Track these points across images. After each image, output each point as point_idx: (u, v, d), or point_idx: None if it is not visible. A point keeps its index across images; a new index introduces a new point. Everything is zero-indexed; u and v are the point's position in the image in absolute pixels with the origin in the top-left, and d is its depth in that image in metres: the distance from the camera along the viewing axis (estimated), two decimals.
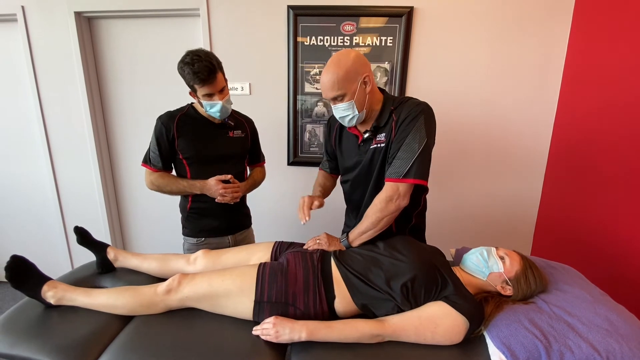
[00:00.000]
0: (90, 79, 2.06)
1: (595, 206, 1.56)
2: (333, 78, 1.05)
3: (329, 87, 1.07)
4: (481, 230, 2.07)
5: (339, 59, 1.05)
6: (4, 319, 1.01)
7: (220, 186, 1.31)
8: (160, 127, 1.30)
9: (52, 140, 2.16)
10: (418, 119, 1.06)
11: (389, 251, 1.06)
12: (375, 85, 1.15)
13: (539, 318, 0.90)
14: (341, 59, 1.05)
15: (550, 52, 1.77)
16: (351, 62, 1.04)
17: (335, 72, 1.04)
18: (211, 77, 1.18)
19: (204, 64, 1.16)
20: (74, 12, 1.91)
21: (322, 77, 1.08)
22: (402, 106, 1.11)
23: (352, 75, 1.05)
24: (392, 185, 1.08)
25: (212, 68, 1.18)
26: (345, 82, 1.05)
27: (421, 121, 1.06)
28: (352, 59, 1.05)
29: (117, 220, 2.37)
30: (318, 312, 0.98)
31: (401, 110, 1.10)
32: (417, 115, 1.06)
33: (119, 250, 1.30)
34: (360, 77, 1.06)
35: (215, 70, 1.19)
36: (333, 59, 1.07)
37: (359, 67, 1.05)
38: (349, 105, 1.09)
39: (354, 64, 1.04)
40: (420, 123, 1.05)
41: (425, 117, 1.07)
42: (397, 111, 1.11)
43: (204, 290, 1.02)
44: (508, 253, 1.07)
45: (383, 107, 1.14)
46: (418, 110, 1.07)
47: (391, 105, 1.13)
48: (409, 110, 1.08)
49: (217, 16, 1.85)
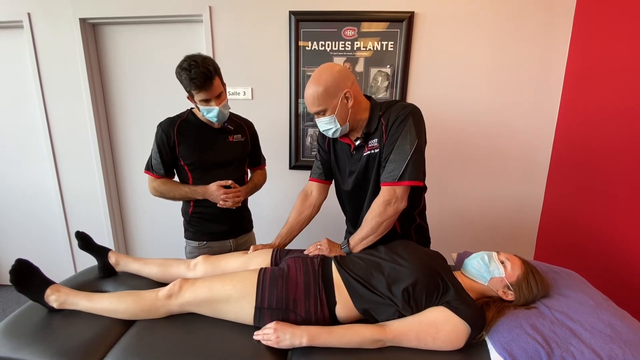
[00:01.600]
0: (95, 84, 2.08)
1: (598, 210, 1.55)
2: (314, 94, 1.06)
3: (310, 102, 1.09)
4: (483, 234, 2.07)
5: (320, 74, 1.06)
6: (7, 322, 1.02)
7: (221, 191, 1.32)
8: (161, 134, 1.31)
9: (56, 145, 2.18)
10: (407, 121, 1.06)
11: (390, 255, 1.06)
12: (360, 95, 1.14)
13: (541, 323, 0.90)
14: (322, 74, 1.06)
15: (552, 56, 1.77)
16: (332, 77, 1.05)
17: (316, 88, 1.05)
18: (207, 83, 1.18)
19: (201, 70, 1.16)
20: (79, 18, 1.93)
21: (305, 91, 1.10)
22: (389, 110, 1.11)
23: (333, 91, 1.05)
24: (389, 189, 1.08)
25: (208, 74, 1.17)
26: (326, 98, 1.06)
27: (410, 123, 1.06)
28: (333, 74, 1.05)
29: (119, 223, 2.38)
30: (319, 318, 0.98)
31: (389, 113, 1.10)
32: (405, 117, 1.07)
33: (120, 254, 1.31)
34: (341, 92, 1.06)
35: (211, 76, 1.19)
36: (315, 74, 1.07)
37: (340, 82, 1.06)
38: (330, 120, 1.10)
39: (334, 79, 1.05)
40: (409, 125, 1.06)
41: (414, 118, 1.07)
42: (385, 115, 1.11)
43: (205, 295, 1.02)
44: (509, 257, 1.06)
45: (371, 114, 1.14)
46: (406, 113, 1.08)
47: (379, 110, 1.13)
48: (397, 113, 1.08)
49: (219, 22, 1.87)
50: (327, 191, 1.40)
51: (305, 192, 1.39)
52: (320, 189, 1.37)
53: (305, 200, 1.37)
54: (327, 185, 1.39)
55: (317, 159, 1.37)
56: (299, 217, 1.36)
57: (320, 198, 1.38)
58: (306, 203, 1.36)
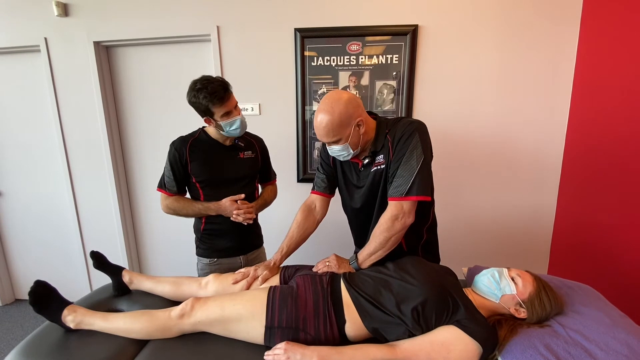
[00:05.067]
0: (108, 104, 2.15)
1: (614, 220, 1.51)
2: (328, 126, 1.06)
3: (323, 134, 1.09)
4: (495, 246, 2.04)
5: (332, 106, 1.05)
6: (25, 343, 1.05)
7: (234, 206, 1.35)
8: (174, 153, 1.34)
9: (72, 164, 2.25)
10: (413, 137, 1.08)
11: (399, 273, 1.06)
12: (368, 117, 1.15)
13: (555, 343, 0.88)
14: (333, 106, 1.05)
15: (559, 64, 1.75)
16: (344, 108, 1.05)
17: (329, 120, 1.05)
18: (227, 94, 1.25)
19: (217, 83, 1.22)
20: (93, 41, 2.01)
21: (315, 122, 1.09)
22: (395, 127, 1.13)
23: (346, 121, 1.06)
24: (396, 204, 1.09)
25: (225, 86, 1.24)
26: (340, 129, 1.07)
27: (416, 139, 1.07)
28: (344, 104, 1.05)
29: (133, 240, 2.43)
30: (329, 337, 0.98)
31: (395, 130, 1.12)
32: (411, 134, 1.08)
33: (133, 273, 1.33)
34: (354, 120, 1.07)
35: (228, 88, 1.25)
36: (326, 105, 1.06)
37: (352, 112, 1.06)
38: (343, 147, 1.11)
39: (347, 110, 1.05)
40: (415, 141, 1.07)
41: (420, 134, 1.09)
42: (391, 132, 1.13)
43: (216, 314, 1.03)
44: (520, 274, 1.05)
45: (377, 132, 1.15)
46: (412, 129, 1.09)
47: (385, 128, 1.15)
48: (403, 130, 1.09)
49: (227, 41, 1.92)
50: (328, 205, 1.39)
51: (308, 206, 1.36)
52: (323, 202, 1.37)
53: (310, 215, 1.35)
54: (330, 199, 1.39)
55: (321, 172, 1.36)
56: (303, 234, 1.34)
57: (322, 212, 1.37)
58: (310, 219, 1.35)
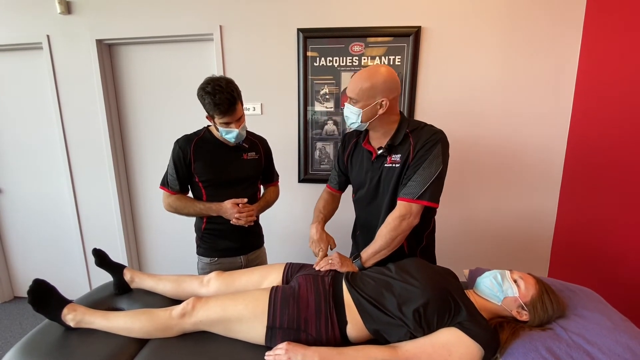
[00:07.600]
0: (110, 102, 2.15)
1: (615, 223, 1.51)
2: (360, 85, 1.11)
3: (351, 89, 1.14)
4: (496, 248, 2.03)
5: (374, 73, 1.10)
6: (24, 341, 1.04)
7: (235, 209, 1.34)
8: (178, 151, 1.34)
9: (73, 162, 2.24)
10: (436, 147, 1.12)
11: (400, 275, 1.06)
12: (396, 108, 1.19)
13: (557, 347, 0.88)
14: (375, 74, 1.10)
15: (562, 65, 1.75)
16: (380, 81, 1.09)
17: (362, 81, 1.10)
18: (231, 108, 1.21)
19: (225, 95, 1.18)
20: (96, 39, 2.01)
21: (355, 75, 1.14)
22: (419, 132, 1.15)
23: (373, 93, 1.10)
24: (406, 204, 1.12)
25: (232, 100, 1.20)
26: (364, 94, 1.11)
27: (439, 149, 1.11)
28: (382, 78, 1.09)
29: (133, 239, 2.42)
30: (330, 338, 0.98)
31: (419, 136, 1.14)
32: (435, 143, 1.12)
33: (135, 271, 1.33)
34: (381, 97, 1.11)
35: (235, 101, 1.21)
36: (371, 68, 1.12)
37: (384, 90, 1.10)
38: (357, 111, 1.14)
39: (384, 83, 1.09)
40: (437, 150, 1.11)
41: (442, 145, 1.13)
42: (414, 135, 1.15)
43: (218, 314, 1.03)
44: (523, 276, 1.04)
45: (399, 127, 1.18)
46: (436, 139, 1.12)
47: (406, 127, 1.17)
48: (427, 138, 1.13)
49: (229, 40, 1.92)
50: (339, 201, 1.49)
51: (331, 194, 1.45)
52: (336, 198, 1.47)
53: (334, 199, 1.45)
54: (340, 195, 1.48)
55: (336, 168, 1.43)
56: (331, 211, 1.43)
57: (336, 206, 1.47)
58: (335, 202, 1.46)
